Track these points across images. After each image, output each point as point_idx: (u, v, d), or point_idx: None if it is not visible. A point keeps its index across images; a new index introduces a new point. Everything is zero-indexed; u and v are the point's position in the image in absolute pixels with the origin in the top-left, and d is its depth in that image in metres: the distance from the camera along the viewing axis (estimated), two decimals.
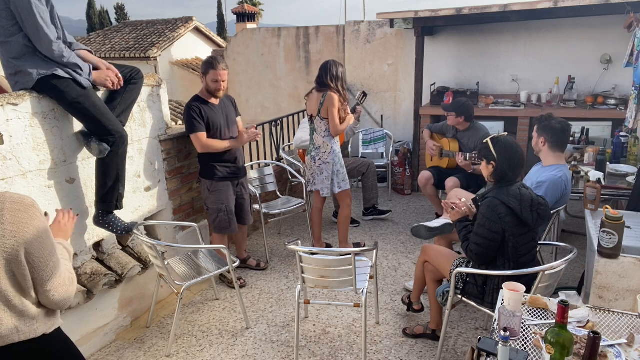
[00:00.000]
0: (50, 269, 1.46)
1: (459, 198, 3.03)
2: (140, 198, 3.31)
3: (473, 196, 2.99)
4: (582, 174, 3.64)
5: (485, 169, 2.61)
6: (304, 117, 5.84)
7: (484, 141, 2.61)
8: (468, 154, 4.07)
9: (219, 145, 3.46)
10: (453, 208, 2.73)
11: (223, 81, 3.41)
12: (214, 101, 3.48)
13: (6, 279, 1.40)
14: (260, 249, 4.44)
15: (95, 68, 2.72)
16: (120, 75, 2.79)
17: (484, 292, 2.57)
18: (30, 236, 1.39)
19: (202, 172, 3.60)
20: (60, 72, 2.50)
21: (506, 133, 2.71)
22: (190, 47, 15.82)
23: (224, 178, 3.56)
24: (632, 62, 4.15)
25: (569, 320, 1.71)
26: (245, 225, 3.92)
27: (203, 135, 3.39)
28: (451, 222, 3.06)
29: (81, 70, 2.57)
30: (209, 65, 3.38)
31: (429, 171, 4.56)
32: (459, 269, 2.60)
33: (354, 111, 4.14)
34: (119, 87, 2.80)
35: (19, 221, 1.37)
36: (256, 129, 3.66)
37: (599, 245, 2.37)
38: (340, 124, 3.84)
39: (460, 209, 2.72)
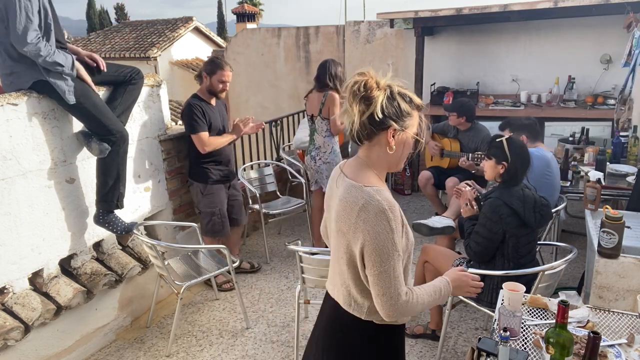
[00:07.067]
0: (375, 273, 1.41)
1: (466, 184, 2.99)
2: (140, 198, 3.31)
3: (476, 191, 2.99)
4: (582, 174, 3.64)
5: (492, 169, 2.57)
6: (304, 117, 5.82)
7: (497, 140, 2.57)
8: (471, 155, 4.07)
9: (221, 141, 3.43)
10: (460, 192, 2.72)
11: (228, 82, 3.40)
12: (212, 102, 3.46)
13: (347, 264, 1.49)
14: (260, 249, 4.43)
15: (81, 61, 2.67)
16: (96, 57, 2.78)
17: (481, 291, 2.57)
18: (370, 237, 1.40)
19: (193, 175, 3.53)
20: (52, 79, 2.46)
21: (512, 134, 2.70)
22: (190, 47, 15.82)
23: (217, 181, 3.52)
24: (629, 62, 4.15)
25: (569, 320, 1.71)
26: (239, 226, 3.85)
27: (205, 134, 3.34)
28: (453, 226, 3.06)
29: (62, 66, 2.45)
30: (217, 65, 3.35)
31: (429, 171, 4.56)
32: None
33: None
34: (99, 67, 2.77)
35: (368, 221, 1.40)
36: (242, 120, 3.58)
37: (599, 245, 2.37)
38: (341, 123, 3.84)
39: (466, 196, 2.70)
